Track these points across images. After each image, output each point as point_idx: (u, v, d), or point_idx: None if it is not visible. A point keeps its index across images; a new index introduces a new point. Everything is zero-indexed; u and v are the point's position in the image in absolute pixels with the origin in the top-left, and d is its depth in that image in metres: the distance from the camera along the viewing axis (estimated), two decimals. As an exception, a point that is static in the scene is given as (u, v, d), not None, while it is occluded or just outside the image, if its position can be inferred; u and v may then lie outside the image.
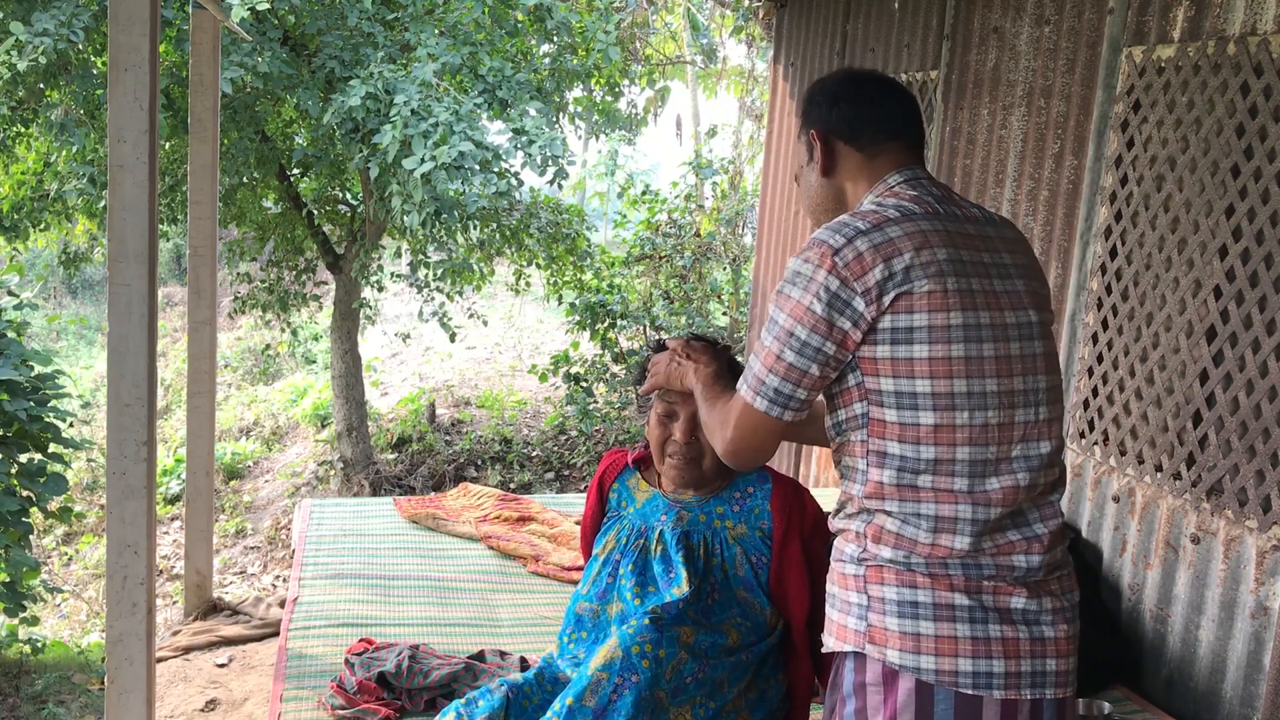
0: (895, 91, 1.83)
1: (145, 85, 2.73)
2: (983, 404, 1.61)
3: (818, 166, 1.81)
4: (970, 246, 1.66)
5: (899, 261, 1.60)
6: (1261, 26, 2.90)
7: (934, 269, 1.60)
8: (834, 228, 1.65)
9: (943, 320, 1.59)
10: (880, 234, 1.62)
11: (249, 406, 12.54)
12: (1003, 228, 1.77)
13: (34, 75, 6.56)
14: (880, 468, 1.64)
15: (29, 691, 5.10)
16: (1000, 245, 1.72)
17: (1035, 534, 1.65)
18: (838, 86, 1.83)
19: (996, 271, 1.67)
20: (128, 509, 2.87)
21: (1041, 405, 1.67)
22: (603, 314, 8.94)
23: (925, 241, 1.62)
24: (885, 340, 1.60)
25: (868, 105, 1.80)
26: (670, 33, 12.79)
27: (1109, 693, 3.20)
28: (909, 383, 1.60)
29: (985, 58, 4.09)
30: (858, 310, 1.60)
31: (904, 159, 1.78)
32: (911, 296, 1.59)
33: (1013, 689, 1.59)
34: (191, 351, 4.59)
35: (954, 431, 1.60)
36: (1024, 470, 1.64)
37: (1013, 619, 1.61)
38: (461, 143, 6.41)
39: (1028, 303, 1.70)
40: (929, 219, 1.66)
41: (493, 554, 4.11)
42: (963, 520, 1.60)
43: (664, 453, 2.25)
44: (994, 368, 1.62)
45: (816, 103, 1.83)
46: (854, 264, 1.60)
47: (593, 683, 2.08)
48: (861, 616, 1.65)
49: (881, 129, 1.78)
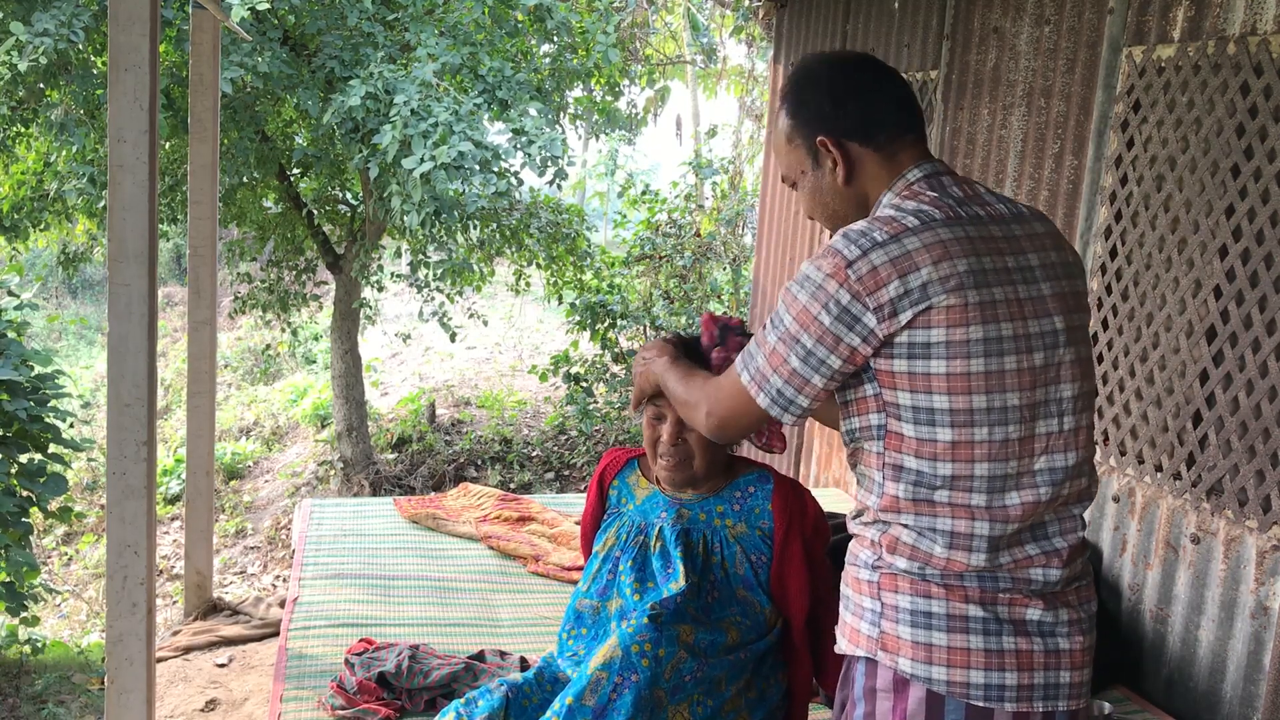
0: (892, 76, 1.73)
1: (145, 85, 2.73)
2: (1003, 419, 1.55)
3: (837, 175, 1.69)
4: (994, 251, 1.58)
5: (915, 277, 1.52)
6: (1261, 26, 2.90)
7: (954, 282, 1.53)
8: (851, 237, 1.57)
9: (961, 335, 1.52)
10: (898, 246, 1.54)
11: (249, 406, 12.54)
12: (1032, 223, 1.67)
13: (34, 75, 6.56)
14: (896, 481, 1.60)
15: (29, 691, 5.11)
16: (1027, 245, 1.63)
17: (1054, 548, 1.60)
18: (834, 80, 1.70)
19: (1021, 277, 1.59)
20: (128, 509, 2.87)
21: (1067, 415, 1.60)
22: (603, 314, 8.94)
23: (945, 253, 1.54)
24: (903, 355, 1.54)
25: (875, 98, 1.68)
26: (670, 33, 12.80)
27: (1109, 693, 3.20)
28: (926, 398, 1.55)
29: (985, 58, 4.09)
30: (868, 326, 1.54)
31: (921, 152, 1.70)
32: (930, 313, 1.52)
33: (1025, 701, 1.57)
34: (191, 351, 4.59)
35: (973, 448, 1.55)
36: (1046, 484, 1.59)
37: (1028, 630, 1.58)
38: (461, 143, 6.41)
39: (1053, 308, 1.61)
40: (949, 225, 1.57)
41: (493, 554, 4.11)
42: (979, 536, 1.57)
43: (655, 454, 2.25)
44: (1016, 381, 1.55)
45: (815, 103, 1.70)
46: (867, 278, 1.53)
47: (592, 682, 2.08)
48: (874, 623, 1.63)
49: (896, 123, 1.68)
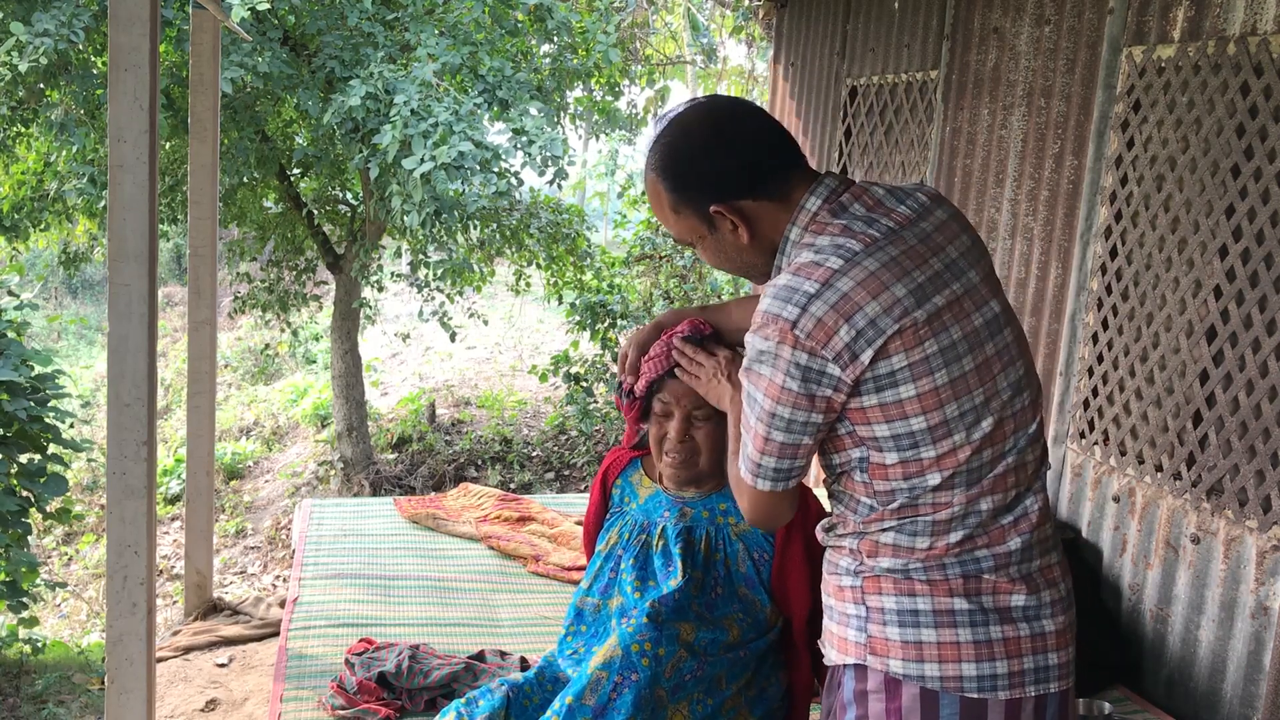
0: (756, 114, 1.67)
1: (145, 85, 2.73)
2: (976, 418, 1.57)
3: (740, 235, 1.65)
4: (918, 260, 1.58)
5: (861, 317, 1.52)
6: (1261, 26, 2.90)
7: (898, 310, 1.52)
8: (783, 297, 1.54)
9: (920, 354, 1.53)
10: (833, 292, 1.52)
11: (249, 406, 12.54)
12: (934, 210, 1.66)
13: (34, 75, 6.56)
14: (886, 504, 1.61)
15: (29, 691, 5.11)
16: (941, 239, 1.63)
17: (1024, 512, 1.63)
18: (707, 142, 1.64)
19: (951, 274, 1.60)
20: (128, 509, 2.86)
21: (1024, 391, 1.63)
22: (603, 314, 8.94)
23: (879, 284, 1.53)
24: (870, 390, 1.54)
25: (750, 147, 1.64)
26: (670, 33, 12.80)
27: (1109, 693, 3.20)
28: (904, 423, 1.56)
29: (985, 58, 4.09)
30: (834, 376, 1.53)
31: (807, 175, 1.66)
32: (886, 345, 1.52)
33: (1017, 688, 1.59)
34: (191, 351, 4.59)
35: (955, 453, 1.57)
36: (1015, 456, 1.62)
37: (1013, 617, 1.60)
38: (461, 143, 6.41)
39: (985, 293, 1.63)
40: (869, 252, 1.55)
41: (493, 554, 4.11)
42: (957, 518, 1.59)
43: (661, 450, 2.24)
44: (977, 378, 1.57)
45: (696, 171, 1.64)
46: (816, 332, 1.52)
47: (592, 681, 2.08)
48: (861, 628, 1.63)
49: (778, 164, 1.64)
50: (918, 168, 4.60)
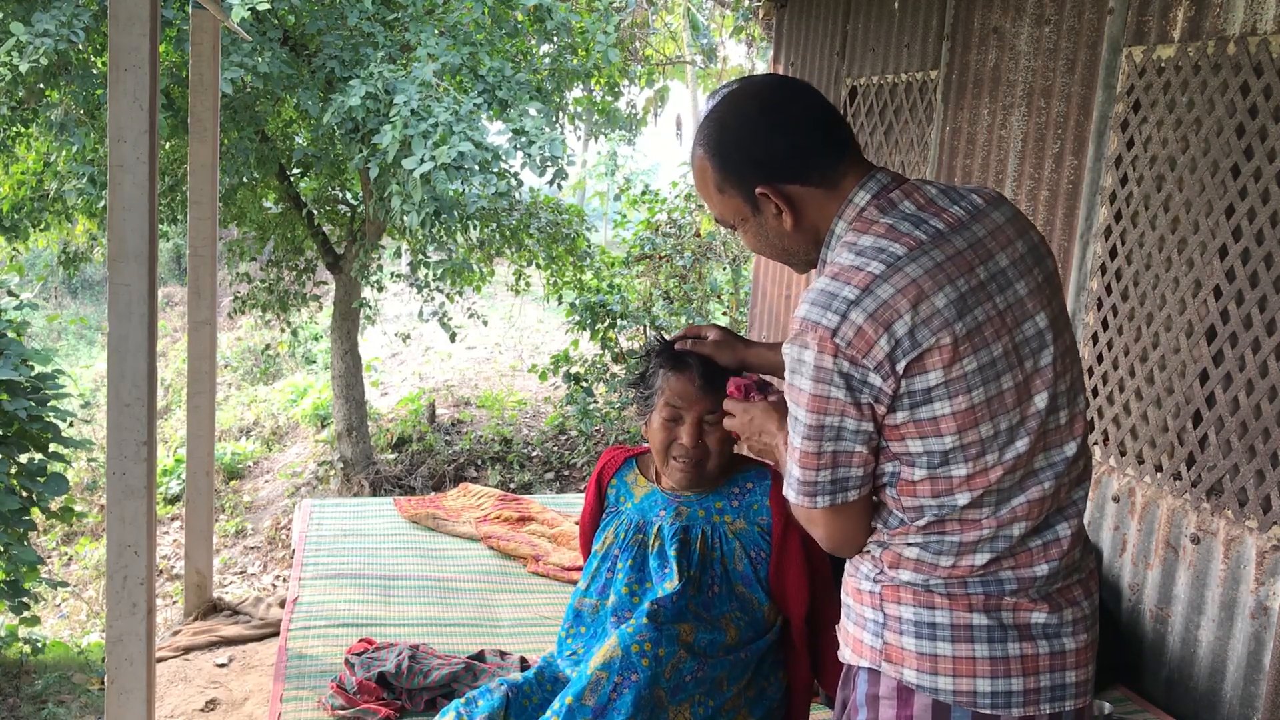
0: (810, 94, 1.62)
1: (145, 85, 2.73)
2: (1010, 437, 1.53)
3: (784, 221, 1.61)
4: (964, 270, 1.52)
5: (900, 325, 1.47)
6: (1261, 26, 2.90)
7: (938, 322, 1.48)
8: (821, 303, 1.50)
9: (958, 371, 1.49)
10: (872, 299, 1.48)
11: (249, 406, 12.54)
12: (990, 214, 1.60)
13: (34, 75, 6.56)
14: (914, 519, 1.58)
15: (29, 691, 5.11)
16: (993, 245, 1.57)
17: (1056, 537, 1.59)
18: (758, 120, 1.59)
19: (996, 286, 1.54)
20: (128, 509, 2.87)
21: (1061, 410, 1.57)
22: (603, 314, 8.94)
23: (920, 292, 1.48)
24: (904, 405, 1.50)
25: (803, 130, 1.58)
26: (670, 33, 12.80)
27: (1109, 693, 3.20)
28: (937, 441, 1.51)
29: (985, 58, 4.09)
30: (876, 385, 1.49)
31: (860, 168, 1.60)
32: (922, 358, 1.48)
33: (1031, 705, 1.56)
34: (191, 351, 4.59)
35: (988, 473, 1.53)
36: (1050, 479, 1.57)
37: (1032, 634, 1.57)
38: (461, 143, 6.41)
39: (1032, 307, 1.57)
40: (913, 257, 1.50)
41: (493, 554, 4.11)
42: (985, 540, 1.55)
43: (668, 455, 2.23)
44: (1014, 397, 1.53)
45: (743, 150, 1.59)
46: (856, 341, 1.47)
47: (592, 682, 2.08)
48: (877, 634, 1.61)
49: (830, 150, 1.59)
50: (918, 168, 4.60)
